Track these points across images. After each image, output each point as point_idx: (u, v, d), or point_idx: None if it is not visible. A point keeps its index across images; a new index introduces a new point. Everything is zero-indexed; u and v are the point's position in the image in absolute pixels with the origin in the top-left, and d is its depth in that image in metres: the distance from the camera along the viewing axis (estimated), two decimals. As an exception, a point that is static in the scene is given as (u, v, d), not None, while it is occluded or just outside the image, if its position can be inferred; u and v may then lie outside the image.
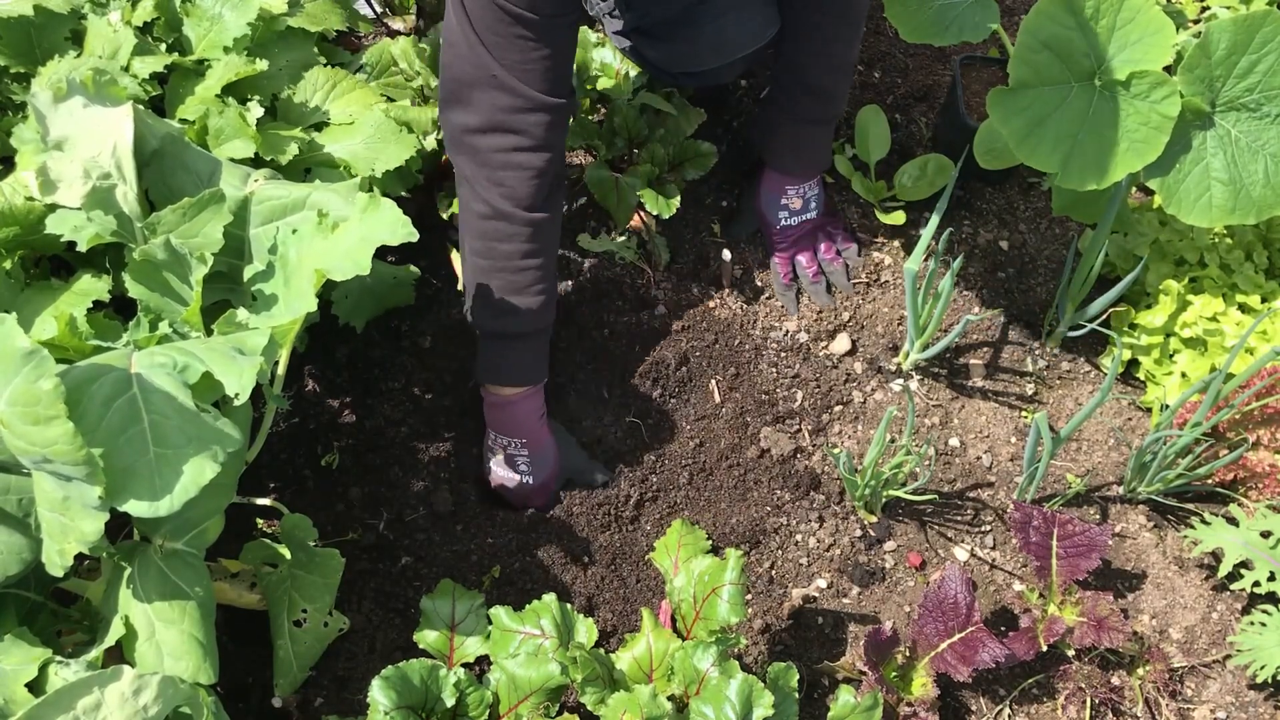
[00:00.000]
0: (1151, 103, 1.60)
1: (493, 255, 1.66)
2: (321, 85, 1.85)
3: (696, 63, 1.77)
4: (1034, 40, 1.61)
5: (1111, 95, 1.62)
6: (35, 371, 1.04)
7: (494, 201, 1.62)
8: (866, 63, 2.29)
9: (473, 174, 1.63)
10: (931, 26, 1.78)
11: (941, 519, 1.84)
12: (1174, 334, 1.88)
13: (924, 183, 2.08)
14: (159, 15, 1.79)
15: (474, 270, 1.69)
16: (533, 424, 1.76)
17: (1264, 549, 1.65)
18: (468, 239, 1.69)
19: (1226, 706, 1.68)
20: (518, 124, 1.58)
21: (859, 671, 1.64)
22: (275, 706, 1.58)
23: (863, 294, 2.04)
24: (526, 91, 1.55)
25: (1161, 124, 1.60)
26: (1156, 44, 1.60)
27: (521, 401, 1.74)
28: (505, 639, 1.50)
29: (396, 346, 1.90)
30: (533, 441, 1.76)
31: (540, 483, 1.77)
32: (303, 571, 1.54)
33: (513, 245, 1.65)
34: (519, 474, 1.77)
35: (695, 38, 1.69)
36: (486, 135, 1.59)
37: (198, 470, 1.12)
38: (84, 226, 1.39)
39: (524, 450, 1.75)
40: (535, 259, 1.67)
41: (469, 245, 1.69)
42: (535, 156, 1.60)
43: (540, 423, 1.77)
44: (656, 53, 1.74)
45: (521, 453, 1.76)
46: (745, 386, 1.89)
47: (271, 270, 1.43)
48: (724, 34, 1.70)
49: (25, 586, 1.36)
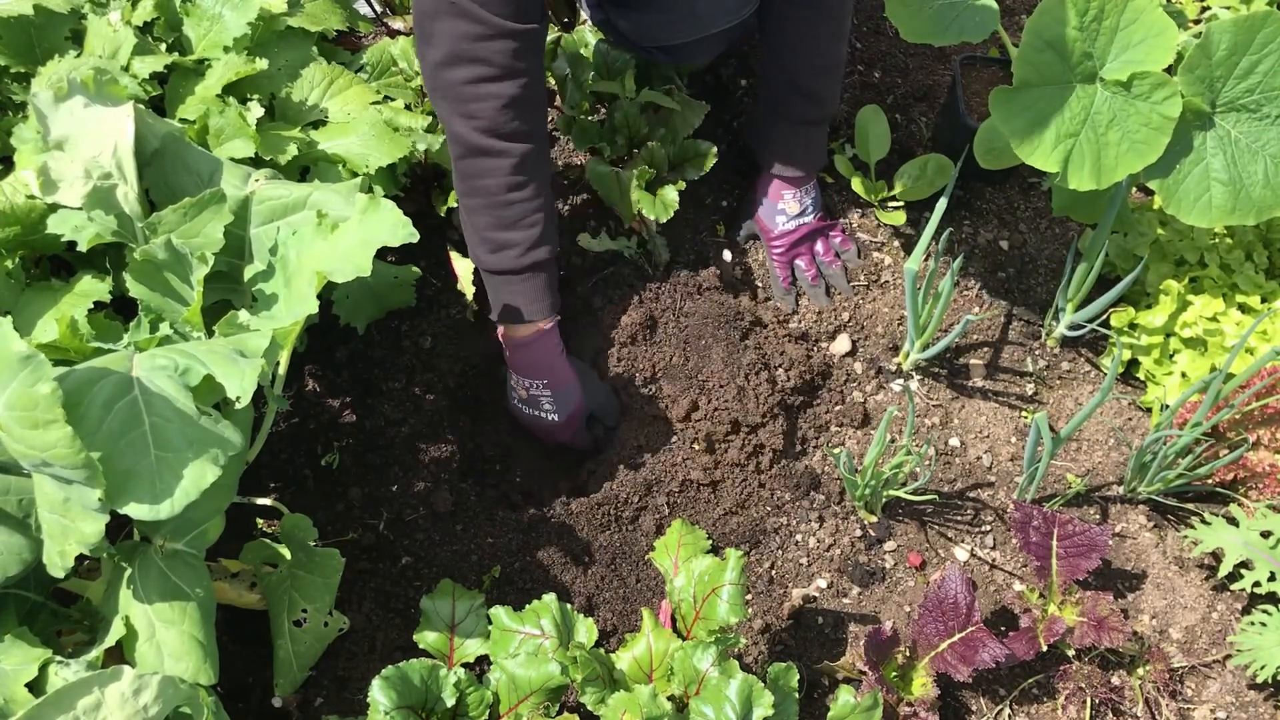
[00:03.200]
0: (1153, 103, 1.60)
1: (477, 193, 1.62)
2: (319, 82, 1.85)
3: (670, 35, 1.74)
4: (1038, 40, 1.61)
5: (1113, 96, 1.62)
6: (33, 375, 1.04)
7: (469, 137, 1.57)
8: (866, 63, 2.29)
9: (447, 111, 1.58)
10: (932, 26, 1.78)
11: (941, 519, 1.84)
12: (1174, 334, 1.88)
13: (924, 183, 2.08)
14: (159, 15, 1.79)
15: (464, 211, 1.67)
16: (551, 361, 1.74)
17: (1264, 549, 1.65)
18: (455, 181, 1.66)
19: (1226, 706, 1.69)
20: (481, 52, 1.52)
21: (859, 671, 1.64)
22: (275, 706, 1.58)
23: (863, 294, 2.04)
24: (487, 17, 1.49)
25: (1162, 125, 1.60)
26: (1159, 45, 1.60)
27: (537, 340, 1.73)
28: (505, 639, 1.50)
29: (397, 346, 1.90)
30: (554, 380, 1.75)
31: (565, 419, 1.78)
32: (303, 571, 1.54)
33: (494, 180, 1.60)
34: (543, 413, 1.77)
35: (669, 7, 1.67)
36: (452, 68, 1.54)
37: (199, 473, 1.12)
38: (85, 226, 1.39)
39: (546, 390, 1.75)
40: (520, 191, 1.62)
41: (456, 187, 1.66)
42: (504, 85, 1.55)
43: (559, 359, 1.75)
44: (628, 23, 1.73)
45: (544, 393, 1.75)
46: (745, 386, 1.89)
47: (272, 270, 1.43)
48: (697, 6, 1.68)
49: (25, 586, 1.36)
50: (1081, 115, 1.63)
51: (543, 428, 1.79)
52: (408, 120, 1.82)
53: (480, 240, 1.66)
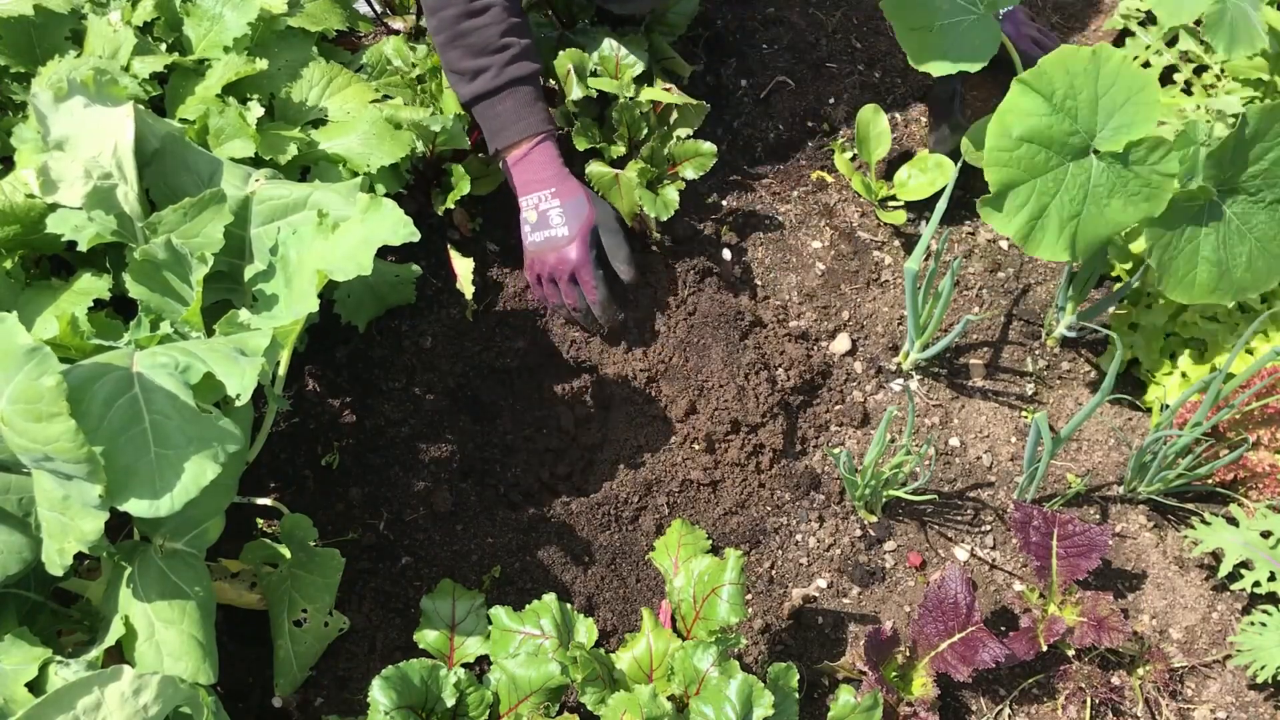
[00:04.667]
0: (1151, 166, 1.57)
1: (443, 27, 1.70)
2: (318, 81, 1.85)
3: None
4: (1007, 138, 1.56)
5: (1109, 166, 1.58)
6: (38, 369, 1.04)
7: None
8: (867, 63, 2.29)
9: None
10: (936, 49, 1.76)
11: (941, 519, 1.84)
12: (1174, 334, 1.88)
13: (924, 183, 2.08)
14: (159, 15, 1.79)
15: (443, 56, 1.75)
16: (554, 170, 1.80)
17: (1264, 549, 1.65)
18: (428, 21, 1.74)
19: (1227, 707, 1.68)
20: None
21: (859, 671, 1.64)
22: (275, 706, 1.58)
23: (863, 293, 2.04)
24: None
25: (1163, 183, 1.57)
26: (1144, 102, 1.56)
27: (535, 152, 1.77)
28: (505, 639, 1.50)
29: (397, 346, 1.90)
30: (561, 189, 1.80)
31: (575, 233, 1.80)
32: (303, 571, 1.54)
33: (454, 9, 1.69)
34: (553, 228, 1.80)
35: None
36: None
37: (199, 471, 1.12)
38: (85, 226, 1.40)
39: (554, 200, 1.79)
40: (480, 18, 1.70)
41: (429, 28, 1.73)
42: None
43: (562, 169, 1.81)
44: None
45: (553, 204, 1.79)
46: (745, 386, 1.89)
47: (272, 270, 1.43)
48: None
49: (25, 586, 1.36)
50: (1081, 194, 1.59)
51: (555, 252, 1.80)
52: (409, 114, 1.82)
53: (459, 78, 1.74)
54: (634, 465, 1.82)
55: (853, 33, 2.33)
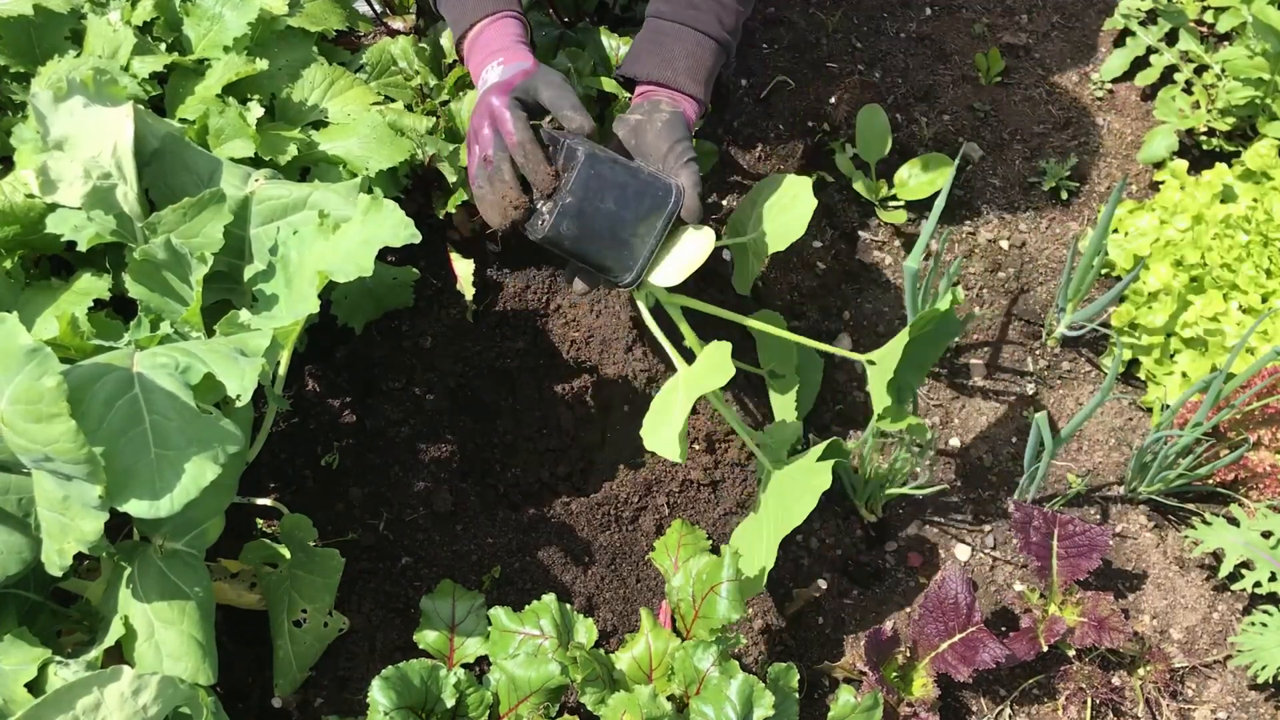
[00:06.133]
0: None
1: None
2: (319, 83, 1.84)
3: None
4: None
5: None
6: (38, 369, 1.04)
7: None
8: (867, 63, 2.29)
9: None
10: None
11: (942, 519, 1.84)
12: (1174, 334, 1.88)
13: (924, 182, 2.08)
14: (159, 15, 1.79)
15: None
16: (506, 42, 1.69)
17: (1265, 549, 1.65)
18: None
19: (1227, 707, 1.68)
20: None
21: (859, 671, 1.64)
22: (275, 706, 1.58)
23: (863, 293, 2.04)
24: None
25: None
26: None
27: (489, 28, 1.70)
28: (505, 639, 1.50)
29: (396, 346, 1.90)
30: (509, 55, 1.67)
31: (506, 78, 1.65)
32: (303, 571, 1.54)
33: None
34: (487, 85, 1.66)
35: None
36: None
37: (199, 471, 1.12)
38: (84, 226, 1.39)
39: (499, 67, 1.66)
40: None
41: None
42: None
43: (515, 43, 1.69)
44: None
45: (496, 70, 1.66)
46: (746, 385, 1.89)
47: (272, 271, 1.43)
48: None
49: (25, 586, 1.36)
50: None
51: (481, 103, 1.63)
52: (411, 122, 1.82)
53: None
54: (634, 465, 1.82)
55: (853, 33, 2.33)
